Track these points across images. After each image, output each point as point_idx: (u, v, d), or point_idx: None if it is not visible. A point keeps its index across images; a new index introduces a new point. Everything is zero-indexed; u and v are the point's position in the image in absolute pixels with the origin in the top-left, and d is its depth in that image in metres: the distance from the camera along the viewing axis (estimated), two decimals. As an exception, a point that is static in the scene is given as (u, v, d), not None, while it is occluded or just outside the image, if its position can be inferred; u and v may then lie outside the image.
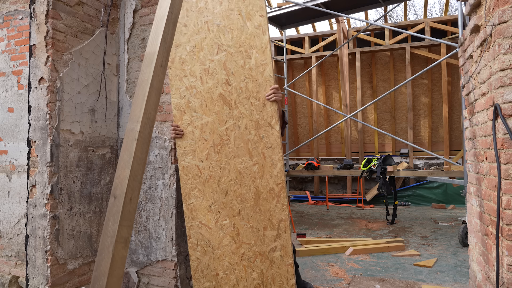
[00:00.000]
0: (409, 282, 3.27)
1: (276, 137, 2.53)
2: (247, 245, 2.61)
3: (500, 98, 1.84)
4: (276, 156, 2.53)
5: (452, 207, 7.41)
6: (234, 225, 2.63)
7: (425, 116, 8.48)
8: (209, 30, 2.65)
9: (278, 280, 2.56)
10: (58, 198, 2.73)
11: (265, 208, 2.56)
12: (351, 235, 5.20)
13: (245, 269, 2.62)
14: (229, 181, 2.63)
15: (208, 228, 2.68)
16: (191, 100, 2.69)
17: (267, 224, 2.57)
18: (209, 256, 2.68)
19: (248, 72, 2.57)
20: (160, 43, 2.13)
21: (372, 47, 8.55)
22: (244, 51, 2.57)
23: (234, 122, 2.61)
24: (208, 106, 2.66)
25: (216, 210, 2.66)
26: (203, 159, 2.68)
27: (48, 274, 2.66)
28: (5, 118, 3.10)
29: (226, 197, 2.64)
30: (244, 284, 2.62)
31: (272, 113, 2.53)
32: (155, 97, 2.10)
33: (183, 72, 2.72)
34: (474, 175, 2.45)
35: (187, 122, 2.70)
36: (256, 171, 2.57)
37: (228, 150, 2.62)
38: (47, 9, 2.72)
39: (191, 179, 2.72)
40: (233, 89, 2.61)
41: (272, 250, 2.57)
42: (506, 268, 1.80)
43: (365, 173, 6.12)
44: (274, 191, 2.55)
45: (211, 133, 2.65)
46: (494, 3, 1.92)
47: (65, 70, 2.81)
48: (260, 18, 2.52)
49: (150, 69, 2.09)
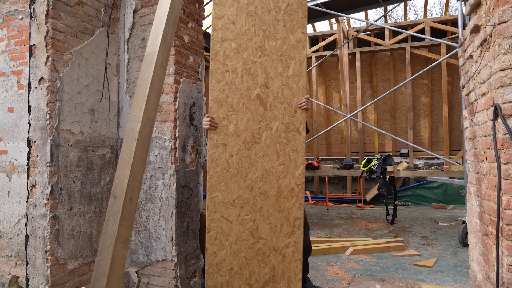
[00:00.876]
0: (409, 282, 3.27)
1: (301, 142, 2.73)
2: (263, 241, 2.73)
3: (500, 98, 1.84)
4: (300, 159, 2.72)
5: (452, 207, 7.41)
6: (254, 220, 2.74)
7: (425, 116, 8.48)
8: (255, 33, 2.81)
9: (287, 275, 2.70)
10: (58, 198, 2.73)
11: (284, 206, 2.72)
12: (351, 235, 5.20)
13: (258, 264, 2.73)
14: (256, 177, 2.75)
15: (229, 222, 2.74)
16: (230, 95, 2.78)
17: (284, 221, 2.72)
18: (226, 251, 2.73)
19: (285, 80, 2.78)
20: (160, 43, 2.13)
21: (372, 47, 8.55)
22: (284, 60, 2.78)
23: (267, 123, 2.77)
24: (245, 104, 2.77)
25: (239, 205, 2.75)
26: (233, 154, 2.79)
27: (48, 274, 2.66)
28: (5, 118, 3.10)
29: (250, 193, 2.75)
30: (256, 278, 2.73)
31: (301, 120, 2.75)
32: (155, 97, 2.10)
33: (225, 67, 2.79)
34: (474, 175, 2.45)
35: (223, 116, 2.78)
36: (281, 171, 2.74)
37: (258, 148, 2.76)
38: (47, 9, 2.72)
39: (219, 172, 2.82)
40: (270, 92, 2.78)
41: (285, 246, 2.72)
42: (506, 268, 1.80)
43: (365, 173, 6.12)
44: (294, 191, 2.72)
45: (245, 130, 2.77)
46: (494, 3, 1.92)
47: (65, 70, 2.81)
48: (301, 34, 2.78)
49: (150, 69, 2.09)
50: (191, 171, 3.21)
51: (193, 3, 3.32)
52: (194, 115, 3.30)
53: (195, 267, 3.22)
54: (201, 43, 3.43)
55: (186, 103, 3.18)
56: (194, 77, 3.32)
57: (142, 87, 2.07)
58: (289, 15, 2.81)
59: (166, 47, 2.17)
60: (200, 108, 3.43)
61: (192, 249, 3.20)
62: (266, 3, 2.82)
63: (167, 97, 3.04)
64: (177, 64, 3.05)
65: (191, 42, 3.28)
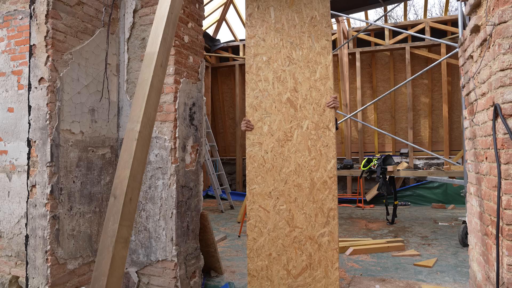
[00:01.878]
0: (409, 282, 3.27)
1: (331, 138, 2.98)
2: (299, 229, 2.96)
3: (500, 98, 1.84)
4: (331, 153, 2.97)
5: (452, 207, 7.41)
6: (290, 210, 2.99)
7: (425, 116, 8.48)
8: (283, 46, 3.19)
9: (324, 263, 2.89)
10: (58, 198, 2.73)
11: (318, 198, 2.95)
12: (351, 235, 5.20)
13: (295, 251, 2.96)
14: (289, 171, 3.03)
15: (267, 211, 3.03)
16: (263, 100, 3.15)
17: (318, 211, 2.93)
18: (265, 237, 3.01)
19: (313, 83, 3.07)
20: (160, 43, 2.13)
21: (372, 47, 8.55)
22: (311, 66, 3.09)
23: (298, 122, 3.06)
24: (277, 107, 3.11)
25: (275, 196, 3.03)
26: (268, 151, 3.09)
27: (48, 274, 2.66)
28: (5, 118, 3.10)
29: (285, 185, 3.02)
30: (293, 264, 2.95)
31: (330, 117, 3.00)
32: (155, 97, 2.10)
33: (258, 77, 3.20)
34: (474, 175, 2.45)
35: (258, 118, 3.14)
36: (313, 165, 2.99)
37: (291, 145, 3.05)
38: (47, 9, 2.72)
39: (256, 167, 3.11)
40: (299, 95, 3.09)
41: (321, 235, 2.92)
42: (506, 268, 1.80)
43: (365, 173, 6.12)
44: (327, 183, 2.95)
45: (277, 130, 3.09)
46: (494, 3, 1.92)
47: (65, 70, 2.81)
48: (326, 42, 3.08)
49: (150, 69, 2.09)
50: (191, 171, 3.21)
51: (193, 3, 3.32)
52: (194, 115, 3.30)
53: (195, 267, 3.22)
54: (201, 43, 3.43)
55: (186, 103, 3.18)
56: (194, 77, 3.32)
57: (142, 87, 2.07)
58: (313, 26, 3.12)
59: (166, 47, 2.17)
60: (200, 108, 3.42)
61: (192, 249, 3.20)
62: (291, 19, 3.19)
63: (167, 97, 3.04)
64: (177, 64, 3.05)
65: (191, 42, 3.28)
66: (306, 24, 3.15)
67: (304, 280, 2.93)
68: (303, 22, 3.15)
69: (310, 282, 2.92)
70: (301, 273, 2.94)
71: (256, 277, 3.02)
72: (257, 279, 3.02)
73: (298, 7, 3.18)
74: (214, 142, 8.03)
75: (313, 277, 2.91)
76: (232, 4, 9.13)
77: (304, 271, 2.93)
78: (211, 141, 7.97)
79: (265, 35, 3.23)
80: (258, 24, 3.26)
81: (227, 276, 3.54)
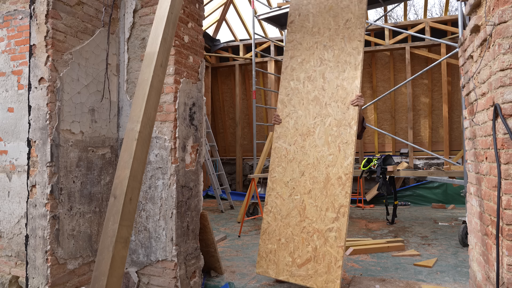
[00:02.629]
0: (409, 282, 3.27)
1: (352, 135, 3.02)
2: (309, 220, 3.06)
3: (500, 98, 1.84)
4: (350, 151, 3.00)
5: (452, 207, 7.41)
6: (303, 201, 3.12)
7: (425, 116, 8.48)
8: (317, 48, 3.36)
9: (327, 258, 2.91)
10: (58, 198, 2.73)
11: (331, 193, 3.00)
12: (351, 235, 5.20)
13: (302, 241, 3.05)
14: (307, 164, 3.17)
15: (282, 199, 3.22)
16: (293, 98, 3.37)
17: (329, 206, 2.99)
18: (277, 223, 3.20)
19: (340, 82, 3.18)
20: (160, 43, 2.13)
21: (372, 47, 8.54)
22: (340, 66, 3.20)
23: (321, 119, 3.19)
24: (304, 104, 3.30)
25: (292, 186, 3.20)
26: (291, 144, 3.29)
27: (48, 274, 2.66)
28: (5, 118, 3.10)
29: (302, 177, 3.17)
30: (298, 253, 3.05)
31: (353, 115, 3.05)
32: (155, 97, 2.10)
33: (291, 77, 3.43)
34: (474, 175, 2.45)
35: (286, 113, 3.38)
36: (330, 160, 3.07)
37: (312, 140, 3.20)
38: (47, 9, 2.72)
39: (278, 158, 3.34)
40: (326, 93, 3.22)
41: (329, 230, 2.96)
42: (506, 268, 1.80)
43: (365, 173, 6.12)
44: (342, 179, 2.98)
45: (302, 125, 3.27)
46: (494, 3, 1.92)
47: (65, 70, 2.81)
48: (358, 42, 3.17)
49: (150, 69, 2.09)
50: (191, 171, 3.21)
51: (193, 3, 3.32)
52: (194, 115, 3.30)
53: (195, 267, 3.22)
54: (201, 43, 3.43)
55: (186, 103, 3.18)
56: (194, 77, 3.32)
57: (142, 87, 2.07)
58: (347, 28, 3.25)
59: (166, 47, 2.17)
60: (200, 108, 3.42)
61: (192, 249, 3.20)
62: (327, 23, 3.35)
63: (167, 97, 3.04)
64: (177, 64, 3.05)
65: (191, 42, 3.28)
66: (340, 26, 3.28)
67: (307, 271, 2.97)
68: (337, 25, 3.29)
69: (312, 274, 2.95)
70: (304, 264, 2.99)
71: (264, 259, 3.20)
72: (264, 261, 3.20)
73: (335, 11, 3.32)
74: (214, 142, 8.03)
75: (316, 270, 2.93)
76: (232, 4, 9.13)
77: (307, 262, 2.98)
78: (211, 141, 7.97)
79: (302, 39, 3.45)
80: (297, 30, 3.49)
81: (227, 276, 3.54)
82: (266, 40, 9.06)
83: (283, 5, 6.98)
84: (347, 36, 3.22)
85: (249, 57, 9.40)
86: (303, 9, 3.50)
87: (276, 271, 3.14)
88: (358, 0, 3.24)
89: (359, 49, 3.15)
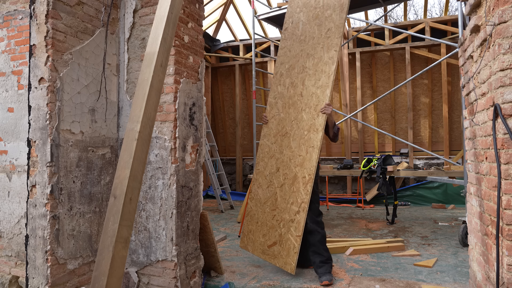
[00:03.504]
0: (409, 282, 3.27)
1: (318, 140, 3.29)
2: (279, 210, 3.45)
3: (500, 98, 1.84)
4: (315, 154, 3.28)
5: (452, 207, 7.41)
6: (276, 193, 3.51)
7: (425, 116, 8.48)
8: (301, 56, 3.57)
9: (288, 244, 3.32)
10: (58, 198, 2.73)
11: (297, 189, 3.33)
12: (351, 235, 5.20)
13: (272, 226, 3.49)
14: (282, 162, 3.53)
15: (262, 189, 3.67)
16: (278, 101, 3.69)
17: (294, 200, 3.34)
18: (257, 209, 3.66)
19: (315, 90, 3.41)
20: (160, 43, 2.13)
21: (372, 47, 8.54)
22: (317, 74, 3.43)
23: (297, 123, 3.47)
24: (286, 108, 3.60)
25: (269, 179, 3.61)
26: (273, 142, 3.67)
27: (48, 274, 2.66)
28: (5, 118, 3.10)
29: (277, 172, 3.56)
30: (269, 236, 3.50)
31: (321, 122, 3.31)
32: (155, 97, 2.10)
33: (279, 82, 3.73)
34: (474, 175, 2.45)
35: (272, 115, 3.72)
36: (299, 161, 3.37)
37: (288, 141, 3.52)
38: (47, 9, 2.72)
39: (262, 153, 3.73)
40: (303, 99, 3.48)
41: (291, 221, 3.33)
42: (506, 268, 1.80)
43: (365, 173, 6.12)
44: (305, 179, 3.29)
45: (282, 127, 3.59)
46: (494, 3, 1.92)
47: (65, 70, 2.81)
48: (334, 52, 3.35)
49: (150, 69, 2.09)
50: (191, 171, 3.21)
51: (193, 3, 3.32)
52: (194, 115, 3.30)
53: (195, 267, 3.22)
54: (201, 43, 3.43)
55: (186, 103, 3.18)
56: (194, 77, 3.32)
57: (142, 87, 2.07)
58: (328, 37, 3.40)
59: (166, 47, 2.17)
60: (200, 108, 3.42)
61: (192, 249, 3.20)
62: (312, 32, 3.54)
63: (167, 97, 3.04)
64: (177, 64, 3.05)
65: (191, 42, 3.28)
66: (322, 35, 3.44)
67: (273, 252, 3.44)
68: (320, 34, 3.46)
69: (276, 255, 3.41)
70: (272, 246, 3.46)
71: (246, 237, 3.74)
72: (246, 238, 3.74)
73: (320, 20, 3.48)
74: (214, 142, 8.03)
75: (279, 252, 3.38)
76: (232, 4, 9.13)
77: (274, 245, 3.44)
78: (211, 141, 7.97)
79: (291, 46, 3.68)
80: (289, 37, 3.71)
81: (227, 276, 3.54)
82: (266, 40, 9.06)
83: (283, 5, 6.98)
84: (326, 46, 3.39)
85: (249, 57, 9.40)
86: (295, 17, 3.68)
87: (252, 248, 3.66)
88: (339, 9, 3.35)
89: (334, 59, 3.33)
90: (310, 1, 3.64)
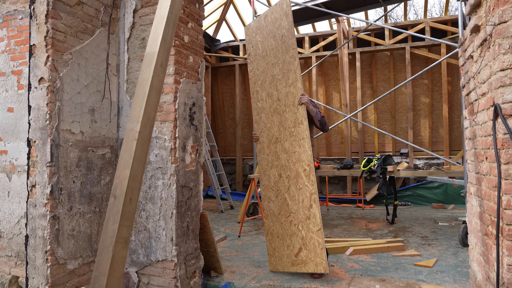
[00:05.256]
0: (409, 282, 3.27)
1: (304, 131, 3.40)
2: (293, 213, 3.46)
3: (500, 98, 1.84)
4: (307, 145, 3.37)
5: (452, 207, 7.40)
6: (286, 198, 3.54)
7: (425, 116, 8.48)
8: (268, 68, 3.81)
9: (313, 243, 3.29)
10: (58, 198, 2.73)
11: (302, 184, 3.38)
12: (351, 235, 5.20)
13: (293, 234, 3.45)
14: (281, 166, 3.60)
15: (272, 201, 3.71)
16: (261, 115, 3.88)
17: (304, 197, 3.37)
18: (274, 223, 3.68)
19: (288, 89, 3.58)
20: (160, 43, 2.13)
21: (372, 47, 8.54)
22: (285, 75, 3.60)
23: (282, 124, 3.61)
24: (269, 117, 3.77)
25: (276, 188, 3.66)
26: (268, 154, 3.77)
27: (48, 274, 2.66)
28: (5, 118, 3.10)
29: (280, 178, 3.61)
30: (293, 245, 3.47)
31: (302, 113, 3.43)
32: (155, 97, 2.10)
33: (257, 99, 3.94)
34: (474, 175, 2.45)
35: (260, 130, 3.88)
36: (296, 157, 3.45)
37: (280, 145, 3.63)
38: (47, 9, 2.72)
39: (263, 168, 3.84)
40: (281, 102, 3.65)
41: (307, 218, 3.33)
42: (506, 268, 1.80)
43: (365, 173, 6.12)
44: (307, 170, 3.36)
45: (271, 135, 3.73)
46: (494, 3, 1.92)
47: (65, 70, 2.81)
48: (292, 51, 3.53)
49: (150, 69, 2.09)
50: (191, 171, 3.21)
51: (193, 3, 3.32)
52: (194, 115, 3.30)
53: (195, 267, 3.22)
54: (201, 43, 3.43)
55: (186, 103, 3.18)
56: (194, 77, 3.32)
57: (142, 87, 2.07)
58: (283, 42, 3.63)
59: (166, 47, 2.17)
60: (200, 108, 3.42)
61: (192, 249, 3.20)
62: (270, 44, 3.79)
63: (167, 97, 3.04)
64: (177, 64, 3.05)
65: (191, 42, 3.28)
66: (279, 43, 3.67)
67: (302, 259, 3.39)
68: (277, 42, 3.70)
69: (305, 260, 3.35)
70: (298, 253, 3.41)
71: (272, 257, 3.68)
72: (273, 258, 3.67)
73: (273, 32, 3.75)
74: (214, 142, 8.03)
75: (307, 255, 3.34)
76: (232, 4, 9.13)
77: (300, 251, 3.40)
78: (211, 141, 7.97)
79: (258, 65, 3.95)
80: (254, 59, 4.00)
81: (227, 276, 3.54)
82: (266, 40, 9.04)
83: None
84: (284, 49, 3.61)
85: (249, 57, 9.39)
86: (254, 41, 3.99)
87: (282, 266, 3.56)
88: (285, 16, 3.59)
89: (294, 56, 3.50)
90: (260, 23, 3.93)
